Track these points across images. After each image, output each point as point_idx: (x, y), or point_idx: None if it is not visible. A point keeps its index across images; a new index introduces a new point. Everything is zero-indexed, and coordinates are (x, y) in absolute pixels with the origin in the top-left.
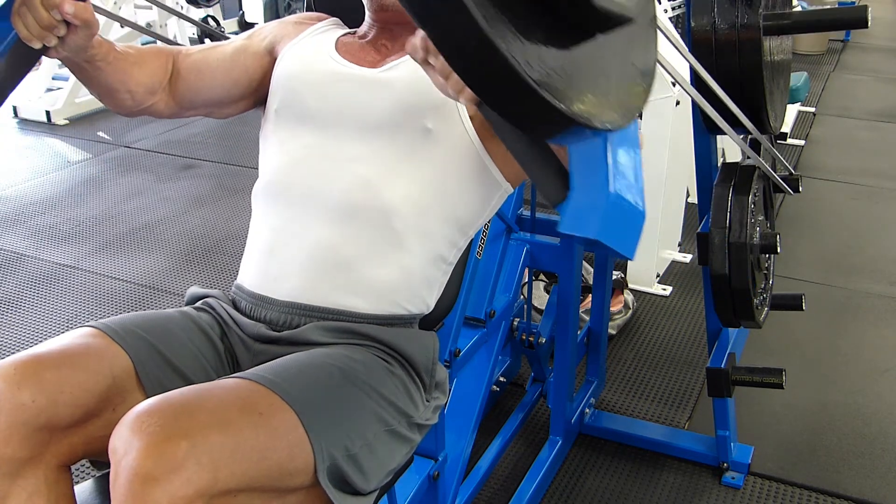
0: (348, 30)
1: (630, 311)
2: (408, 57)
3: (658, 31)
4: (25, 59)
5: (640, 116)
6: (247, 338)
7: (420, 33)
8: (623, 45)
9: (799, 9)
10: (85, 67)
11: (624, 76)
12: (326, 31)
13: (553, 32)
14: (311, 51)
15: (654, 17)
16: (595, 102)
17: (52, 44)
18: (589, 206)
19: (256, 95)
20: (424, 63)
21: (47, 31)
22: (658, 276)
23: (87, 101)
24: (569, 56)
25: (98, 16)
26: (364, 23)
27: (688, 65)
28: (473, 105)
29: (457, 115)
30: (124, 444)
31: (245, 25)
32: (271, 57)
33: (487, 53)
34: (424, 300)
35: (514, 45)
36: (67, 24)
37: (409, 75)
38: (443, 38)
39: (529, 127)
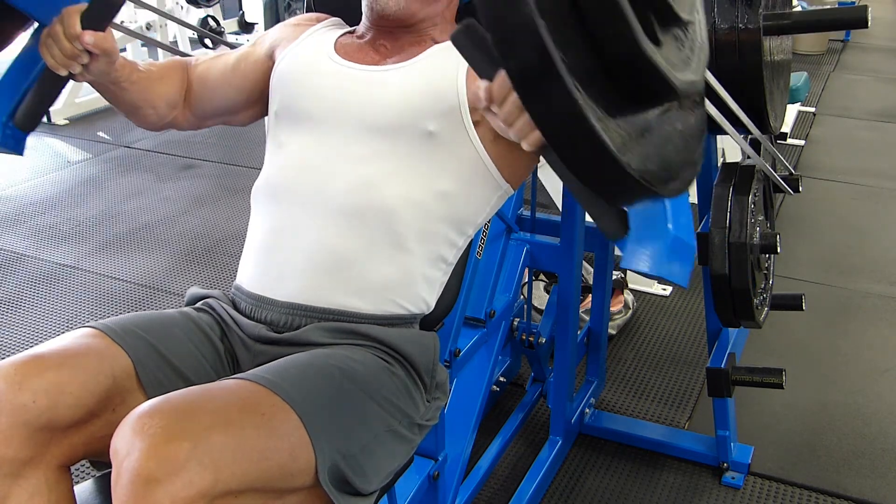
0: (348, 29)
1: (630, 311)
2: (411, 61)
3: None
4: (54, 85)
5: None
6: (247, 338)
7: (484, 84)
8: (683, 117)
9: (799, 9)
10: (110, 88)
11: (684, 145)
12: (325, 32)
13: (630, 105)
14: (309, 51)
15: (703, 92)
16: (665, 170)
17: (76, 71)
18: (650, 245)
19: (263, 100)
20: (487, 111)
21: (71, 60)
22: None
23: (87, 101)
24: (645, 129)
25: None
26: (361, 24)
27: None
28: (535, 149)
29: (460, 119)
30: (126, 445)
31: (245, 25)
32: (271, 61)
33: (582, 131)
34: (425, 300)
35: (605, 122)
36: (89, 53)
37: (412, 78)
38: (537, 105)
39: (608, 196)
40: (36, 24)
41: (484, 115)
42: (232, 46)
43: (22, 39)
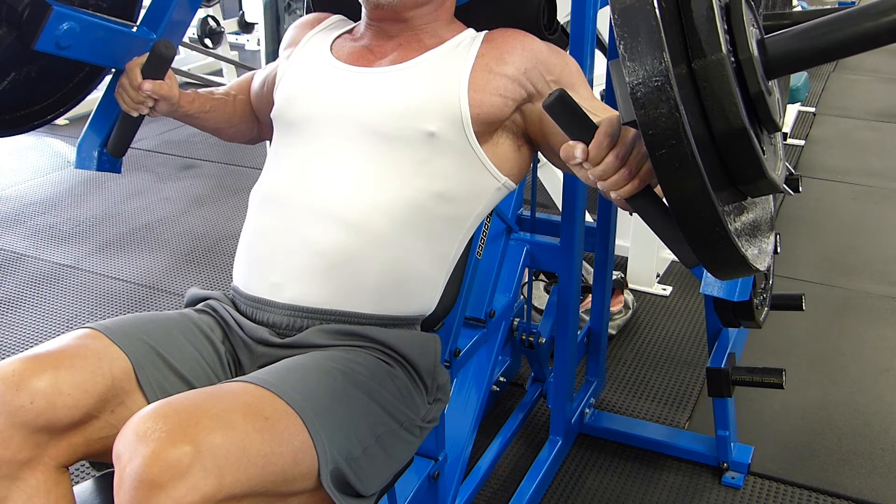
0: (346, 29)
1: (630, 311)
2: (410, 62)
3: None
4: (132, 123)
5: None
6: (250, 340)
7: (580, 146)
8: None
9: (799, 9)
10: (187, 119)
11: (765, 228)
12: (323, 34)
13: (735, 196)
14: (308, 57)
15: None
16: (761, 255)
17: (145, 112)
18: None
19: None
20: (577, 166)
21: (139, 105)
22: (658, 276)
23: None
24: (748, 218)
25: None
26: (360, 23)
27: None
28: (624, 198)
29: (461, 124)
30: (129, 449)
31: (245, 25)
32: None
33: (710, 219)
34: (426, 300)
35: (725, 211)
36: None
37: (412, 81)
38: (671, 182)
39: (709, 267)
40: (114, 71)
41: (570, 166)
42: (237, 62)
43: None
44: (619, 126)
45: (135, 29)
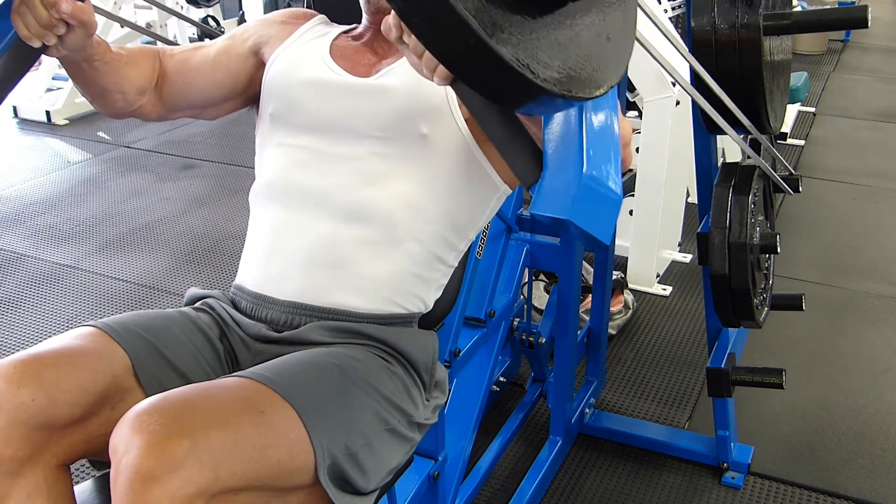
0: (343, 28)
1: (630, 311)
2: (403, 61)
3: (639, 8)
4: (25, 58)
5: (640, 114)
6: (247, 337)
7: (394, 17)
8: (597, 16)
9: (799, 9)
10: (83, 67)
11: (598, 48)
12: (319, 33)
13: (528, 11)
14: (305, 57)
15: None
16: (564, 71)
17: (51, 42)
18: (562, 188)
19: (244, 97)
20: (399, 41)
21: (46, 30)
22: (658, 276)
23: (87, 101)
24: (538, 23)
25: (98, 17)
26: (361, 23)
27: (688, 65)
28: (447, 83)
29: (451, 119)
30: (125, 442)
31: None
32: (256, 58)
33: (452, 19)
34: (422, 300)
35: (482, 12)
36: (66, 24)
37: (404, 81)
38: (409, 10)
39: (498, 97)
40: None
41: (398, 47)
42: None
43: None
44: None
45: None
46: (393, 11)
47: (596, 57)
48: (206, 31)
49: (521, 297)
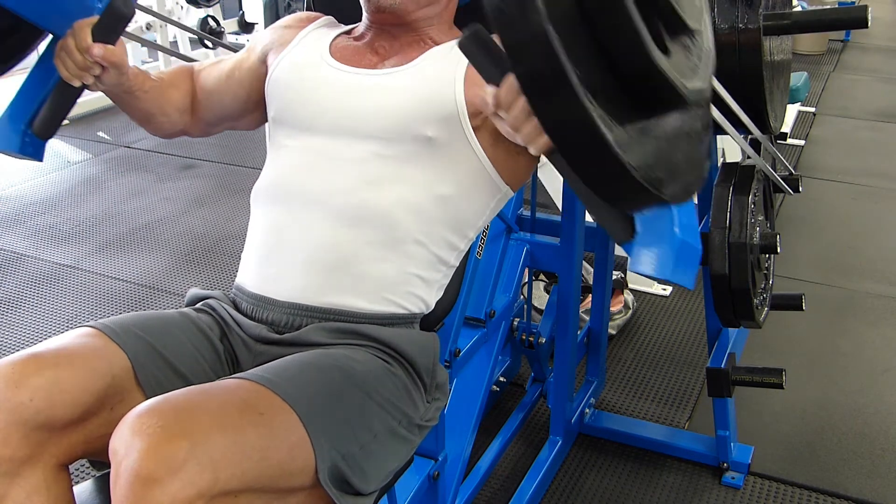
0: (344, 28)
1: (630, 311)
2: (409, 64)
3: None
4: (69, 96)
5: None
6: (248, 338)
7: (491, 90)
8: (690, 123)
9: (799, 9)
10: (124, 98)
11: (691, 151)
12: (320, 34)
13: (639, 112)
14: (305, 56)
15: (710, 99)
16: (676, 183)
17: (89, 82)
18: (657, 249)
19: (261, 106)
20: (493, 115)
21: (83, 72)
22: None
23: (87, 101)
24: (652, 133)
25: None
26: (361, 24)
27: None
28: (541, 154)
29: (459, 125)
30: (125, 444)
31: (245, 25)
32: (264, 67)
33: (590, 136)
34: (424, 300)
35: (612, 127)
36: (101, 65)
37: (411, 85)
38: (546, 112)
39: (614, 200)
40: (51, 36)
41: (491, 119)
42: (233, 49)
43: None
44: None
45: None
46: (500, 89)
47: (690, 158)
48: (202, 35)
49: (521, 297)
